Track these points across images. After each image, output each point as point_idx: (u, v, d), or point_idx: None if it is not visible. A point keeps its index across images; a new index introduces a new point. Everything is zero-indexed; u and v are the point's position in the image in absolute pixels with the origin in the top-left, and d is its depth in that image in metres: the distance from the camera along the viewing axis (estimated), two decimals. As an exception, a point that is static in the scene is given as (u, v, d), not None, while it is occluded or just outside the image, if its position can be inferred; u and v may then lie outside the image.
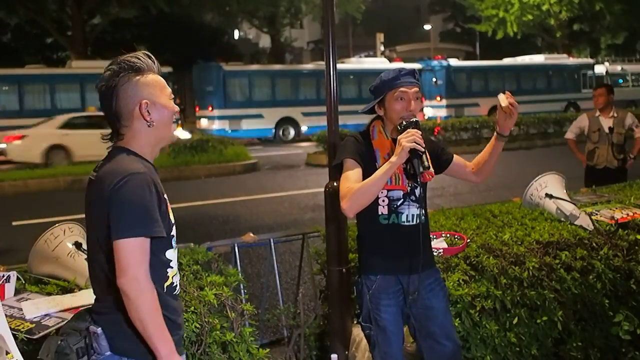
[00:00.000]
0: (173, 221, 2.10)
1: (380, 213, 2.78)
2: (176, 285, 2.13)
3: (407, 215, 2.79)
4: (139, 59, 2.04)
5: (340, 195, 2.70)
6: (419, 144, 2.54)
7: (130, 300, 1.89)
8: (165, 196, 2.05)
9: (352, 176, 2.71)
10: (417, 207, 2.81)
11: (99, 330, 1.98)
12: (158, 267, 2.01)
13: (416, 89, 2.75)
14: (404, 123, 2.66)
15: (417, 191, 2.82)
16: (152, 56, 2.10)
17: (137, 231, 1.90)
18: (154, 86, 2.05)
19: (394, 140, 2.75)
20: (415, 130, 2.59)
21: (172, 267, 2.08)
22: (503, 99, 2.75)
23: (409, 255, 2.80)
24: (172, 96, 2.12)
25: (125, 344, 1.99)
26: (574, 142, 7.04)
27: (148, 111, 2.02)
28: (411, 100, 2.73)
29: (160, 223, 1.95)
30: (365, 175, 2.72)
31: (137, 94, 2.02)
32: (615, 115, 6.71)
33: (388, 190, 2.75)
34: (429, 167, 2.59)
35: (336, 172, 2.85)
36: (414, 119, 2.67)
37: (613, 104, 6.80)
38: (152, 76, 2.06)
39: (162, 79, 2.10)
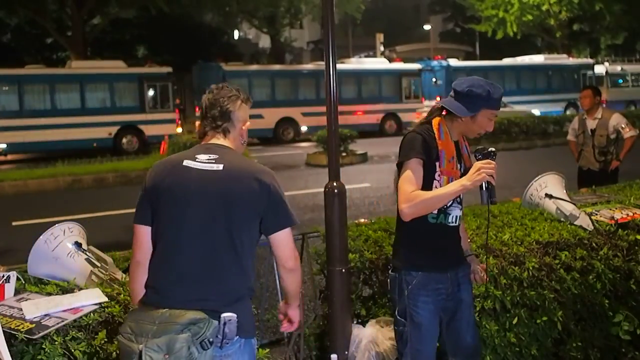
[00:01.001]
0: None
1: (430, 212, 2.79)
2: None
3: (452, 216, 2.85)
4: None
5: (401, 197, 2.67)
6: (494, 178, 2.60)
7: (297, 275, 2.45)
8: None
9: (415, 179, 2.69)
10: (460, 208, 2.89)
11: (235, 316, 2.15)
12: None
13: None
14: (487, 151, 2.67)
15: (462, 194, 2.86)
16: None
17: (294, 221, 2.34)
18: (248, 117, 2.52)
19: (455, 143, 2.82)
20: (495, 163, 2.62)
21: None
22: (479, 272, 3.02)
23: (449, 253, 2.89)
24: None
25: (250, 326, 2.28)
26: (574, 144, 6.98)
27: (246, 130, 2.47)
28: (494, 121, 2.83)
29: None
30: (426, 174, 2.73)
31: (245, 115, 2.48)
32: (600, 117, 6.63)
33: None
34: (496, 202, 2.73)
35: (397, 167, 2.80)
36: (493, 150, 2.68)
37: (600, 106, 6.72)
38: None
39: None
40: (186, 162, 2.29)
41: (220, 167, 2.28)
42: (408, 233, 2.88)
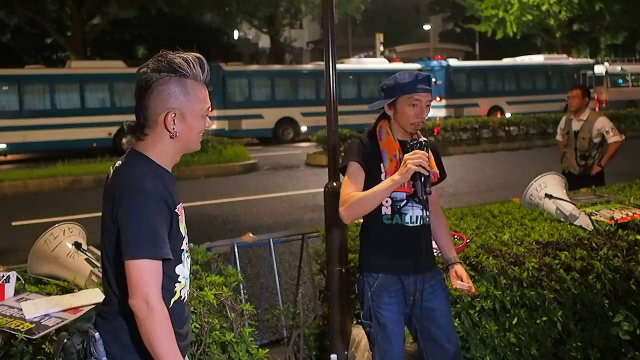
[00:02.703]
0: (184, 234, 2.02)
1: (383, 213, 2.78)
2: (184, 297, 2.08)
3: (410, 216, 2.80)
4: (187, 62, 1.92)
5: (340, 201, 2.71)
6: (424, 167, 2.53)
7: (140, 321, 1.85)
8: (179, 208, 1.99)
9: (353, 181, 2.72)
10: (421, 208, 2.81)
11: (97, 335, 1.94)
12: (166, 283, 1.95)
13: (429, 96, 2.78)
14: (412, 142, 2.65)
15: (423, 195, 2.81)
16: (205, 63, 1.97)
17: (144, 253, 1.84)
18: (189, 97, 1.93)
19: (401, 142, 2.78)
20: (423, 152, 2.57)
21: (180, 282, 2.01)
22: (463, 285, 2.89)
23: (411, 255, 2.81)
24: (208, 112, 1.99)
25: (121, 351, 1.95)
26: (562, 144, 6.68)
27: (174, 121, 1.91)
28: (423, 107, 2.75)
29: (166, 244, 1.88)
30: (370, 176, 2.73)
31: (168, 101, 1.91)
32: (585, 119, 6.31)
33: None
34: (430, 193, 2.62)
35: (341, 173, 2.84)
36: (423, 140, 2.66)
37: (587, 107, 6.41)
38: (192, 85, 1.93)
39: (203, 90, 1.97)
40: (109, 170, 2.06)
41: (112, 176, 1.99)
42: (366, 235, 2.89)
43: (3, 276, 2.69)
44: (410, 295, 2.82)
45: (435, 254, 3.08)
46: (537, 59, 30.40)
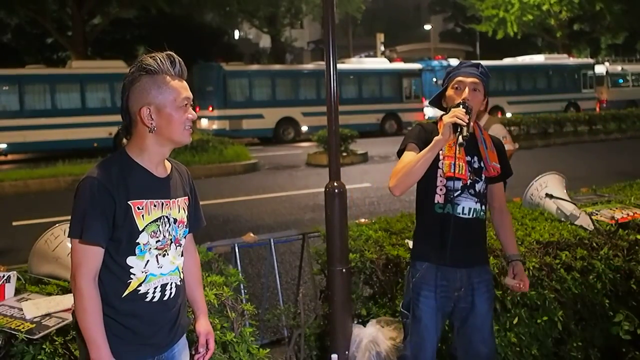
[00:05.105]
0: (141, 228, 2.00)
1: (436, 202, 2.75)
2: (148, 293, 2.04)
3: (463, 207, 2.75)
4: (155, 59, 1.99)
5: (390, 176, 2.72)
6: (460, 119, 2.55)
7: (76, 301, 1.96)
8: (138, 203, 1.99)
9: (406, 158, 2.72)
10: (476, 201, 2.77)
11: None
12: (116, 272, 2.00)
13: (474, 79, 2.76)
14: (449, 107, 2.71)
15: (478, 186, 2.78)
16: (175, 57, 2.04)
17: (72, 233, 1.96)
18: (161, 90, 1.99)
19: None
20: (457, 109, 2.61)
21: (134, 275, 2.01)
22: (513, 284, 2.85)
23: (460, 248, 2.74)
24: (185, 102, 2.02)
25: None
26: None
27: (151, 116, 1.98)
28: (467, 90, 2.74)
29: (95, 229, 1.93)
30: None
31: (141, 97, 1.99)
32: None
33: (447, 179, 2.72)
34: (467, 136, 2.58)
35: (398, 157, 2.82)
36: (459, 102, 2.68)
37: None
38: (163, 79, 1.99)
39: (177, 82, 2.02)
40: None
41: None
42: (418, 224, 2.89)
43: (3, 276, 2.69)
44: (455, 290, 2.77)
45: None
46: (538, 58, 30.41)
